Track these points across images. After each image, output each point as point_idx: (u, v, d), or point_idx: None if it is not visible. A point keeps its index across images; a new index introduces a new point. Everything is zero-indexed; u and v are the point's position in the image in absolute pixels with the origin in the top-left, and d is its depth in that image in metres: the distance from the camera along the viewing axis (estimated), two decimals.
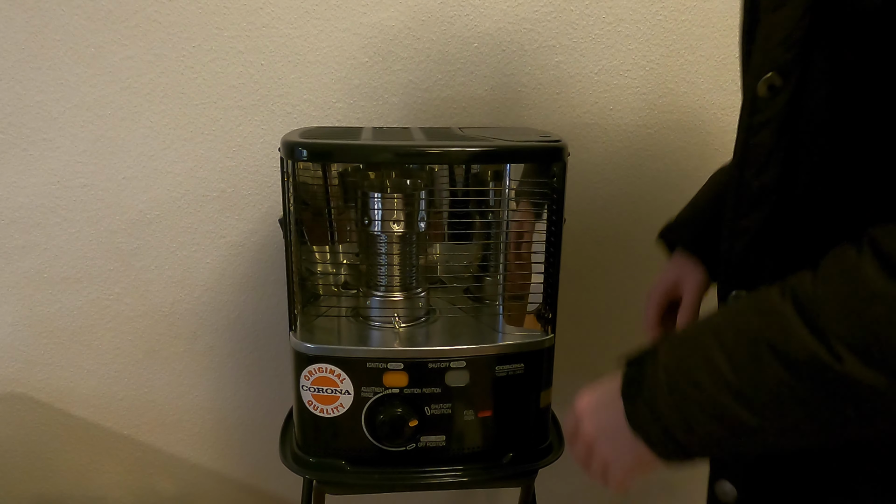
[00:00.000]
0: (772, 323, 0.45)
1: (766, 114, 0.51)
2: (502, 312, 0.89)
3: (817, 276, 0.44)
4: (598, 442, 0.58)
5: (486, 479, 0.88)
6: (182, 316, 1.18)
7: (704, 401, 0.48)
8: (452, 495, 1.40)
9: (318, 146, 0.81)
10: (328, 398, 0.84)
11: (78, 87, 1.05)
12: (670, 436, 0.51)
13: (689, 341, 0.51)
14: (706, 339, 0.49)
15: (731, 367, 0.46)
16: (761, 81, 0.51)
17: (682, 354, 0.50)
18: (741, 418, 0.46)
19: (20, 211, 1.10)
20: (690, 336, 0.51)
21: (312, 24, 1.06)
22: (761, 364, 0.45)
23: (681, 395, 0.49)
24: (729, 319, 0.49)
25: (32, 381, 1.19)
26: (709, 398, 0.48)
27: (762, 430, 0.46)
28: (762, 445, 0.48)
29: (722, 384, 0.47)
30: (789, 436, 0.47)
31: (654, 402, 0.51)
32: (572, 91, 1.14)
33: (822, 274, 0.44)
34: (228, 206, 1.13)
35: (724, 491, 0.60)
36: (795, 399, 0.44)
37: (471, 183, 0.96)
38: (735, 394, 0.46)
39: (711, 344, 0.48)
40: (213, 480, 1.29)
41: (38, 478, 1.25)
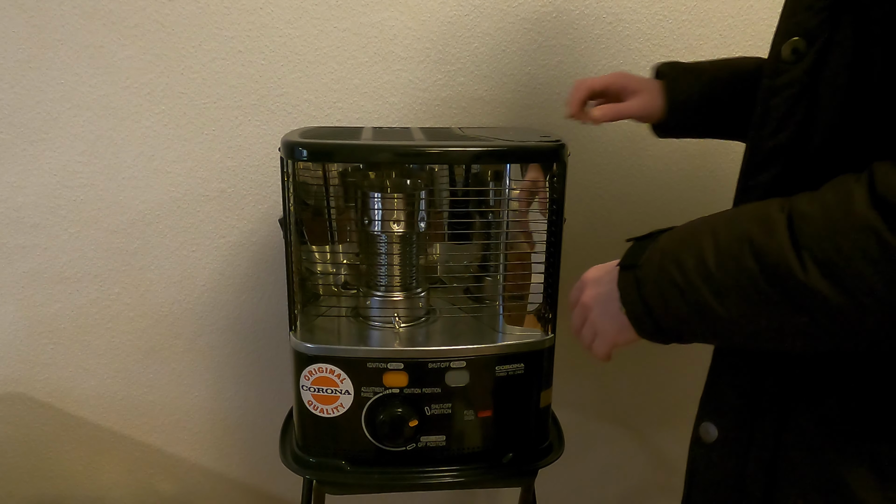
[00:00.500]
0: (762, 228, 0.49)
1: (788, 76, 0.53)
2: (502, 312, 0.89)
3: (814, 197, 0.47)
4: (593, 309, 0.64)
5: (486, 479, 0.88)
6: (182, 316, 1.18)
7: (684, 283, 0.53)
8: (452, 495, 1.40)
9: (318, 146, 0.81)
10: (328, 398, 0.84)
11: (78, 87, 1.05)
12: (648, 309, 0.56)
13: (690, 230, 0.55)
14: (703, 230, 0.53)
15: (714, 257, 0.51)
16: (786, 44, 0.53)
17: (679, 240, 0.55)
18: (710, 305, 0.51)
19: (20, 211, 1.10)
20: (692, 226, 0.55)
21: (312, 24, 1.06)
22: (740, 260, 0.49)
23: (666, 274, 0.54)
24: (728, 218, 0.52)
25: (32, 381, 1.19)
26: (688, 282, 0.52)
27: (726, 320, 0.51)
28: (726, 336, 0.54)
29: (702, 272, 0.51)
30: (749, 332, 0.51)
31: (642, 276, 0.56)
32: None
33: (818, 193, 0.47)
34: (228, 206, 1.13)
35: (706, 431, 0.64)
36: (760, 297, 0.48)
37: (471, 183, 0.96)
38: (711, 283, 0.51)
39: (706, 236, 0.52)
40: (213, 480, 1.29)
41: (38, 478, 1.25)
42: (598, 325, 0.63)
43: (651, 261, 0.56)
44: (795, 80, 0.53)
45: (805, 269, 0.46)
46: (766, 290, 0.48)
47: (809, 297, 0.46)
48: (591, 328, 0.65)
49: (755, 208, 0.51)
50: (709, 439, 0.64)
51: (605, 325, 0.63)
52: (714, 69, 0.84)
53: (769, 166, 0.56)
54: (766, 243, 0.48)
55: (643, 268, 0.56)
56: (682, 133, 0.88)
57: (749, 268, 0.49)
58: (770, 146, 0.56)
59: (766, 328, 0.50)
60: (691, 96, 0.83)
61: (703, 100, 0.83)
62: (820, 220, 0.46)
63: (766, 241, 0.48)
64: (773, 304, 0.48)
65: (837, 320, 0.46)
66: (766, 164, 0.56)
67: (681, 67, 0.85)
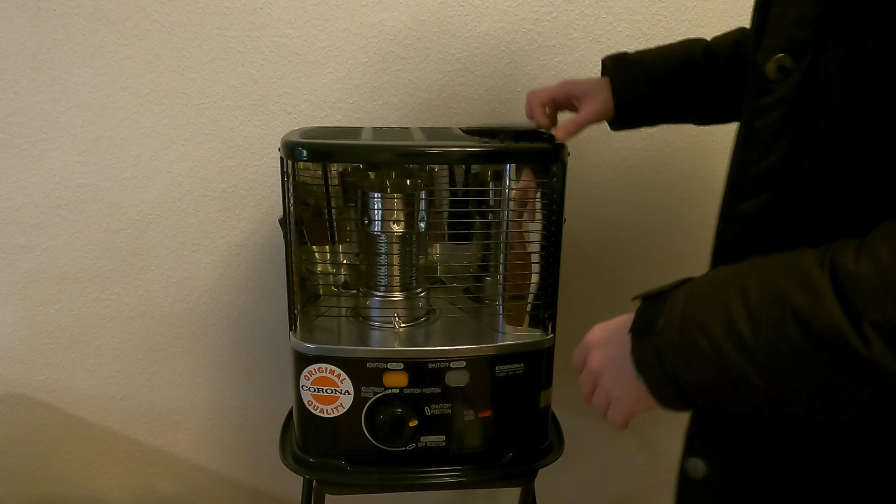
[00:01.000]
0: (803, 290, 0.42)
1: (775, 95, 0.49)
2: (502, 312, 0.89)
3: (862, 250, 0.41)
4: (604, 375, 0.58)
5: (486, 479, 0.88)
6: (182, 316, 1.18)
7: (714, 355, 0.46)
8: (452, 495, 1.40)
9: (318, 146, 0.81)
10: (328, 398, 0.84)
11: (78, 87, 1.05)
12: (674, 383, 0.50)
13: (713, 290, 0.49)
14: (730, 292, 0.47)
15: (749, 326, 0.45)
16: (771, 61, 0.49)
17: (703, 302, 0.48)
18: (747, 376, 0.45)
19: (20, 211, 1.10)
20: (715, 285, 0.49)
21: (312, 24, 1.06)
22: (782, 330, 0.43)
23: (691, 342, 0.48)
24: (758, 276, 0.46)
25: (32, 381, 1.19)
26: (719, 351, 0.46)
27: (765, 391, 0.45)
28: (760, 405, 0.47)
29: (736, 340, 0.45)
30: (791, 402, 0.45)
31: (662, 343, 0.50)
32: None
33: (867, 250, 0.41)
34: (228, 206, 1.13)
35: (694, 467, 0.59)
36: (809, 371, 0.42)
37: (471, 183, 0.96)
38: (746, 352, 0.45)
39: (735, 298, 0.46)
40: (213, 480, 1.29)
41: (38, 478, 1.25)
42: (613, 392, 0.57)
43: (671, 327, 0.49)
44: (783, 100, 0.49)
45: (867, 342, 0.40)
46: (817, 363, 0.42)
47: (872, 372, 0.40)
48: (604, 396, 0.58)
49: (787, 262, 0.45)
50: (697, 476, 0.59)
51: (620, 393, 0.56)
52: (661, 60, 0.83)
53: (757, 193, 0.52)
54: (815, 313, 0.42)
55: (662, 335, 0.50)
56: (635, 126, 0.88)
57: (793, 338, 0.42)
58: (757, 171, 0.51)
59: (821, 403, 0.44)
60: (640, 95, 0.82)
61: (652, 95, 0.82)
62: (876, 282, 0.40)
63: (814, 311, 0.42)
64: (825, 377, 0.42)
65: None
66: (753, 191, 0.52)
67: (626, 63, 0.84)
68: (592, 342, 0.59)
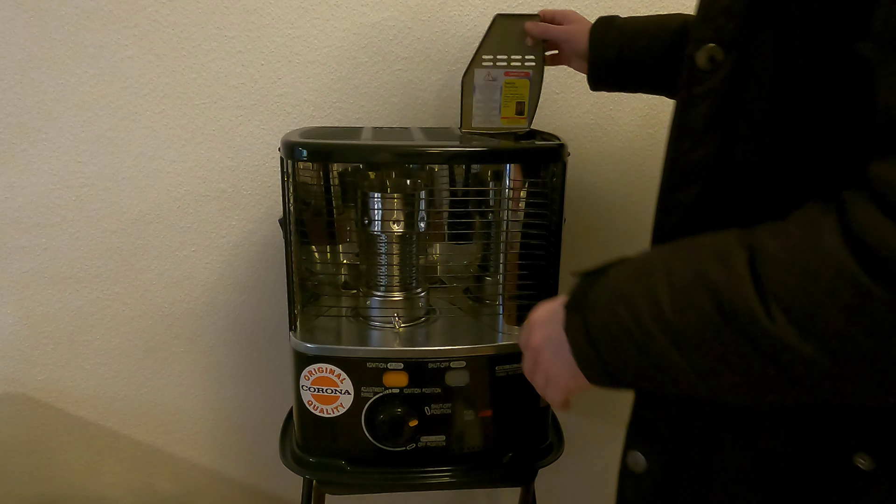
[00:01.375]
0: (721, 266, 0.43)
1: (706, 86, 0.49)
2: (502, 312, 0.89)
3: (779, 232, 0.42)
4: (543, 353, 0.57)
5: (486, 479, 0.88)
6: (182, 316, 1.18)
7: (637, 330, 0.47)
8: (452, 495, 1.40)
9: (318, 146, 0.81)
10: (328, 398, 0.84)
11: (78, 87, 1.05)
12: (598, 357, 0.50)
13: (642, 265, 0.49)
14: (657, 271, 0.47)
15: (671, 303, 0.45)
16: (702, 51, 0.49)
17: (631, 277, 0.49)
18: (668, 355, 0.45)
19: (20, 211, 1.10)
20: (644, 262, 0.49)
21: (312, 24, 1.06)
22: (700, 307, 0.43)
23: (616, 318, 0.48)
24: (684, 254, 0.47)
25: (32, 381, 1.19)
26: (641, 328, 0.46)
27: (685, 371, 0.45)
28: (682, 386, 0.47)
29: (657, 317, 0.45)
30: (709, 383, 0.46)
31: (591, 319, 0.50)
32: (572, 91, 1.14)
33: (783, 231, 0.42)
34: (228, 206, 1.13)
35: (635, 461, 0.60)
36: (722, 348, 0.43)
37: (471, 183, 0.96)
38: (667, 330, 0.45)
39: (660, 274, 0.47)
40: (213, 480, 1.29)
41: (38, 478, 1.25)
42: (550, 370, 0.57)
43: (599, 301, 0.50)
44: (714, 90, 0.49)
45: (772, 318, 0.40)
46: (727, 338, 0.42)
47: (777, 348, 0.40)
48: (542, 373, 0.59)
49: (714, 240, 0.46)
50: (637, 469, 0.60)
51: (556, 371, 0.57)
52: (640, 26, 0.85)
53: (690, 183, 0.52)
54: (728, 287, 0.42)
55: (591, 310, 0.50)
56: (609, 85, 0.87)
57: (709, 315, 0.43)
58: (690, 161, 0.52)
59: (731, 381, 0.44)
60: (610, 54, 0.83)
61: (621, 56, 0.83)
62: (785, 259, 0.40)
63: (728, 285, 0.42)
64: (737, 354, 0.43)
65: (810, 374, 0.40)
66: (687, 181, 0.52)
67: (609, 24, 0.85)
68: (536, 319, 0.59)
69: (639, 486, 0.60)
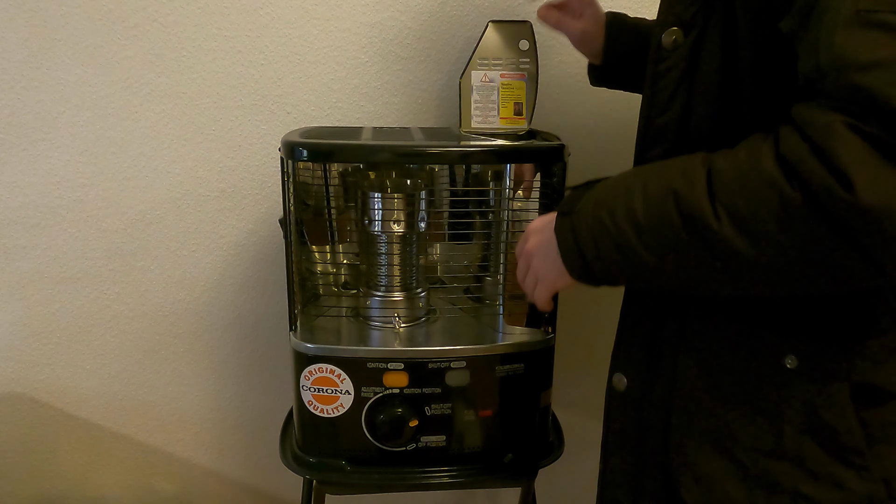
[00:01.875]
0: (685, 179, 0.53)
1: (669, 63, 0.60)
2: (502, 312, 0.89)
3: (730, 153, 0.52)
4: (535, 256, 0.67)
5: (486, 479, 0.88)
6: (182, 316, 1.18)
7: (614, 230, 0.57)
8: (452, 495, 1.40)
9: (318, 146, 0.81)
10: (328, 398, 0.84)
11: (78, 87, 1.05)
12: (580, 252, 0.60)
13: (623, 179, 0.59)
14: (635, 181, 0.57)
15: (643, 207, 0.55)
16: (666, 33, 0.59)
17: (612, 188, 0.59)
18: (638, 252, 0.55)
19: (20, 211, 1.10)
20: (626, 175, 0.59)
21: (312, 24, 1.06)
22: (665, 210, 0.53)
23: (598, 221, 0.58)
24: (658, 170, 0.57)
25: (32, 381, 1.19)
26: (618, 228, 0.56)
27: (650, 265, 0.56)
28: (649, 279, 0.58)
29: (631, 219, 0.55)
30: (669, 275, 0.56)
31: (577, 222, 0.60)
32: (572, 91, 1.14)
33: (733, 153, 0.52)
34: (228, 206, 1.13)
35: (619, 380, 0.70)
36: (680, 244, 0.53)
37: (471, 183, 0.96)
38: (638, 230, 0.55)
39: (637, 186, 0.56)
40: (213, 480, 1.29)
41: (38, 478, 1.25)
42: (539, 271, 0.67)
43: (586, 208, 0.59)
44: (675, 66, 0.59)
45: (718, 219, 0.50)
46: (685, 239, 0.52)
47: (722, 245, 0.51)
48: (532, 275, 0.68)
49: (683, 161, 0.56)
50: (620, 388, 0.70)
51: (545, 272, 0.66)
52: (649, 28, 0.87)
53: (659, 142, 0.62)
54: (687, 194, 0.52)
55: (578, 214, 0.60)
56: (613, 85, 0.92)
57: (672, 217, 0.53)
58: (658, 125, 0.62)
59: (685, 274, 0.55)
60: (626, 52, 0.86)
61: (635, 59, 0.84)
62: (732, 174, 0.50)
63: (688, 193, 0.52)
64: (691, 252, 0.53)
65: (746, 267, 0.51)
66: (656, 141, 0.63)
67: (624, 22, 0.88)
68: (531, 228, 0.69)
69: (621, 401, 0.71)
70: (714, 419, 0.63)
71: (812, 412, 0.59)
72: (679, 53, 0.59)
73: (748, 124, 0.56)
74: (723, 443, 0.63)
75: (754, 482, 0.61)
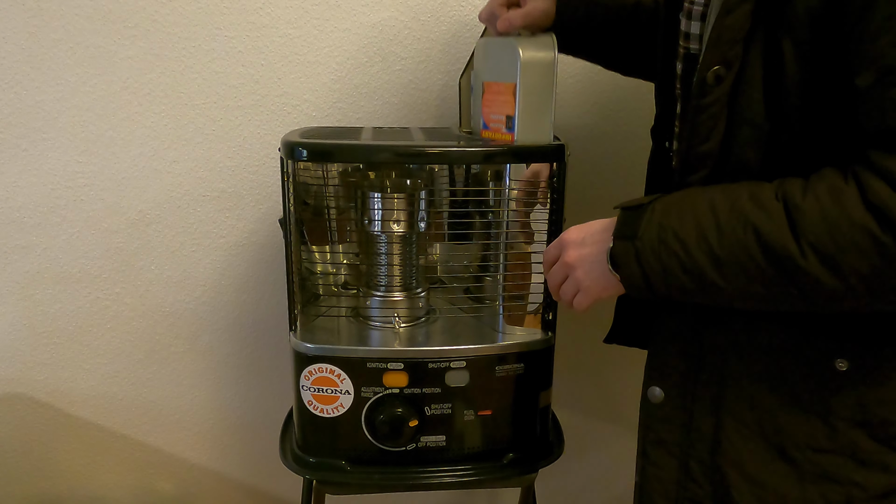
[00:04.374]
0: (763, 213, 0.57)
1: (713, 97, 0.62)
2: (502, 312, 0.89)
3: (807, 188, 0.56)
4: (578, 268, 0.69)
5: (486, 479, 0.88)
6: (182, 316, 1.18)
7: (685, 256, 0.60)
8: (452, 495, 1.40)
9: (318, 146, 0.81)
10: (328, 398, 0.84)
11: (78, 87, 1.05)
12: (646, 278, 0.63)
13: (687, 204, 0.62)
14: (702, 208, 0.60)
15: (717, 237, 0.58)
16: (710, 72, 0.62)
17: (678, 215, 0.61)
18: (711, 278, 0.59)
19: (20, 211, 1.10)
20: (688, 201, 0.62)
21: (312, 24, 1.06)
22: (744, 241, 0.57)
23: (666, 248, 0.61)
24: (726, 197, 0.60)
25: (32, 381, 1.19)
26: (690, 256, 0.60)
27: (723, 290, 0.59)
28: (715, 297, 0.61)
29: (704, 248, 0.59)
30: (742, 297, 0.60)
31: (642, 247, 0.62)
32: (572, 91, 1.14)
33: (809, 186, 0.56)
34: (228, 206, 1.13)
35: (654, 394, 0.73)
36: (759, 273, 0.57)
37: (471, 183, 0.96)
38: (713, 258, 0.59)
39: (706, 213, 0.60)
40: (213, 480, 1.29)
41: (38, 478, 1.25)
42: (583, 283, 0.69)
43: (649, 232, 0.62)
44: (717, 100, 0.62)
45: (805, 257, 0.55)
46: (766, 269, 0.57)
47: (806, 279, 0.55)
48: (573, 285, 0.71)
49: (750, 190, 0.59)
50: (656, 400, 0.72)
51: (589, 284, 0.69)
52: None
53: (699, 169, 0.65)
54: (768, 229, 0.56)
55: (642, 239, 0.62)
56: (569, 47, 0.91)
57: (751, 248, 0.57)
58: (699, 153, 0.65)
59: (759, 295, 0.59)
60: (577, 16, 0.87)
61: (584, 21, 0.88)
62: (817, 215, 0.55)
63: (769, 228, 0.56)
64: (770, 279, 0.57)
65: (825, 295, 0.56)
66: (697, 167, 0.65)
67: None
68: (569, 240, 0.71)
69: (659, 413, 0.73)
70: (766, 421, 0.66)
71: (864, 408, 0.62)
72: (722, 88, 0.62)
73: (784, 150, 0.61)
74: (775, 442, 0.65)
75: (807, 478, 0.64)
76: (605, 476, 1.40)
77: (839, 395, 0.63)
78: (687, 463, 0.71)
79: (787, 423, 0.65)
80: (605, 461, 1.38)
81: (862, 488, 0.63)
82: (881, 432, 0.62)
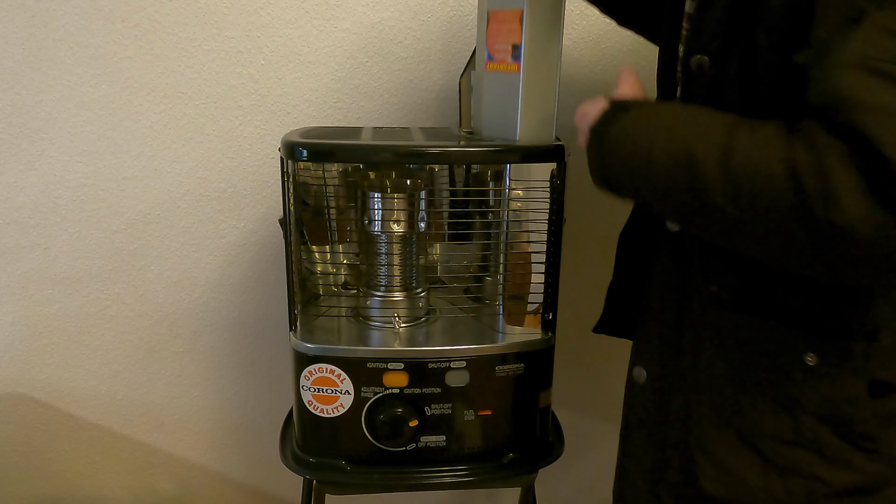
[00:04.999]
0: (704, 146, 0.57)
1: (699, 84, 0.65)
2: (502, 312, 0.89)
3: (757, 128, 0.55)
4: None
5: (486, 479, 0.88)
6: (182, 316, 1.18)
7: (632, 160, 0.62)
8: (452, 495, 1.40)
9: (318, 146, 0.81)
10: (328, 398, 0.84)
11: (78, 87, 1.05)
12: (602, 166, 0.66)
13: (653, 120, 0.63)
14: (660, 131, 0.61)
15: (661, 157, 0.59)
16: (693, 59, 0.65)
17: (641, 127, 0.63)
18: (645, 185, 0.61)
19: (20, 211, 1.10)
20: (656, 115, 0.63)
21: (312, 24, 1.06)
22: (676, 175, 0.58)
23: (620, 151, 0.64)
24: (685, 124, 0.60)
25: (32, 381, 1.19)
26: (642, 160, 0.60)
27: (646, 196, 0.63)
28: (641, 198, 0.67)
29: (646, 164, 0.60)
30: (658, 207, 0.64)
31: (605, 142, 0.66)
32: (572, 91, 1.14)
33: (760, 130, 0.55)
34: (228, 206, 1.13)
35: (639, 374, 0.75)
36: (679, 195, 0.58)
37: (471, 183, 0.96)
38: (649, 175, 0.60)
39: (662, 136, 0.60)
40: (213, 480, 1.29)
41: (38, 478, 1.25)
42: None
43: (612, 133, 0.65)
44: (702, 87, 0.65)
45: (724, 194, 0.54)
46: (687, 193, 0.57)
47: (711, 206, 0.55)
48: None
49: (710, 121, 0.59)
50: (640, 381, 0.75)
51: None
52: None
53: None
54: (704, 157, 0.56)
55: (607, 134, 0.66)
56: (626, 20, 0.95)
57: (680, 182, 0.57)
58: None
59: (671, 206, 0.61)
60: None
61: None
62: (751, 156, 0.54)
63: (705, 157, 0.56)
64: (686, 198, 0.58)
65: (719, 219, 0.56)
66: None
67: None
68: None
69: (641, 393, 0.75)
70: (737, 410, 0.67)
71: (830, 404, 0.64)
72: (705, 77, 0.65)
73: None
74: (744, 432, 0.67)
75: (772, 469, 0.66)
76: (605, 476, 1.40)
77: (807, 389, 0.64)
78: (663, 445, 0.73)
79: (756, 413, 0.66)
80: (605, 461, 1.38)
81: (824, 483, 0.64)
82: (846, 430, 0.64)
